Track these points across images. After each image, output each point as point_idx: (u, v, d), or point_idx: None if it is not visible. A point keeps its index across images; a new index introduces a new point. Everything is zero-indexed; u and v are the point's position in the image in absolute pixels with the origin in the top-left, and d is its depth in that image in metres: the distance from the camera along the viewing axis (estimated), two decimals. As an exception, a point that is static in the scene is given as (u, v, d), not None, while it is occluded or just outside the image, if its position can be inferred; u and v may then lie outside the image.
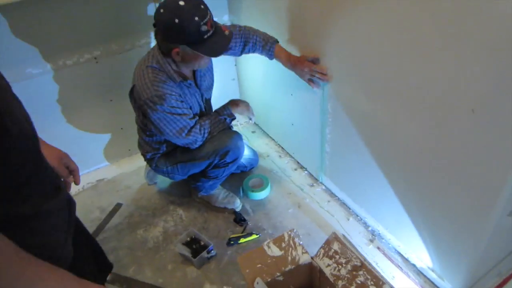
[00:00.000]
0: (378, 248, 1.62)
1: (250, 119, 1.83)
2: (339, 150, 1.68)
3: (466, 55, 0.93)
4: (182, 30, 1.31)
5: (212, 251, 1.61)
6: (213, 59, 1.64)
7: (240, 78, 2.40)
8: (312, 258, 1.27)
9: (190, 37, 1.34)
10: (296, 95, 1.82)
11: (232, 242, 1.68)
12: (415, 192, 1.33)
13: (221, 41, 1.43)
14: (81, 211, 1.71)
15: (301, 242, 1.29)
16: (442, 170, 1.17)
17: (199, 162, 1.68)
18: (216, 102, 1.84)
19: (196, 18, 1.30)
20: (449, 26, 0.94)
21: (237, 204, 1.87)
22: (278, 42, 1.65)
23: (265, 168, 2.11)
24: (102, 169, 2.21)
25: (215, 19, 2.15)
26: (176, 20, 1.29)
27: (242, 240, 1.68)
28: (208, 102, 1.80)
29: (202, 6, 1.34)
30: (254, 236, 1.70)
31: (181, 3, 1.30)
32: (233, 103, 1.74)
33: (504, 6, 0.80)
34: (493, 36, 0.86)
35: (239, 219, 1.78)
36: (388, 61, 1.19)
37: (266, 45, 1.64)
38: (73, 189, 2.05)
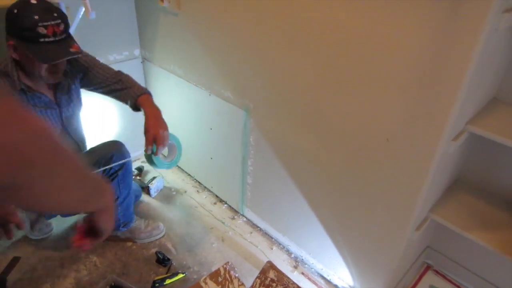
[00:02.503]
0: (303, 273, 1.69)
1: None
2: (261, 181, 1.74)
3: (381, 93, 1.09)
4: (17, 22, 1.25)
5: (136, 297, 1.50)
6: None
7: (152, 113, 2.34)
8: (248, 290, 1.27)
9: (24, 33, 1.26)
10: (216, 129, 1.85)
11: (157, 285, 1.58)
12: (336, 216, 1.44)
13: (59, 51, 1.31)
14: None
15: (236, 275, 1.29)
16: (361, 194, 1.30)
17: None
18: (128, 137, 1.83)
19: (36, 17, 1.24)
20: (365, 68, 1.10)
21: (161, 228, 1.86)
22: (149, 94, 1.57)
23: (184, 204, 2.07)
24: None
25: (125, 52, 2.10)
26: (15, 10, 1.25)
27: (168, 281, 1.60)
28: (70, 120, 1.59)
29: (55, 14, 1.28)
30: (180, 276, 1.63)
31: (33, 1, 1.27)
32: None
33: (409, 53, 0.98)
34: (402, 78, 1.03)
35: (162, 259, 1.69)
36: (310, 95, 1.31)
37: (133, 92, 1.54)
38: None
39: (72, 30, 1.70)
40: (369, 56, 1.07)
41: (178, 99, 2.02)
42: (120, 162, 1.57)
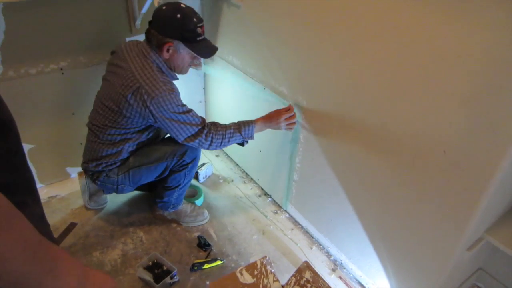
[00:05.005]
0: (340, 277, 1.66)
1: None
2: (308, 179, 1.72)
3: (441, 103, 1.03)
4: (181, 25, 1.42)
5: (175, 277, 1.56)
6: (183, 81, 1.72)
7: (208, 101, 2.40)
8: (283, 286, 1.28)
9: (186, 34, 1.44)
10: (267, 123, 1.85)
11: (195, 268, 1.63)
12: (381, 225, 1.39)
13: (211, 46, 1.56)
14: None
15: (273, 270, 1.30)
16: (411, 205, 1.24)
17: (154, 165, 1.64)
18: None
19: (195, 20, 1.45)
20: (426, 75, 1.04)
21: (206, 215, 1.91)
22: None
23: (229, 193, 2.11)
24: (55, 185, 2.07)
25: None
26: (178, 15, 1.41)
27: (206, 266, 1.64)
28: None
29: (198, 14, 1.49)
30: (218, 262, 1.67)
31: (182, 5, 1.46)
32: (267, 118, 1.61)
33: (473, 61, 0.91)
34: (465, 88, 0.96)
35: (203, 243, 1.74)
36: (365, 99, 1.27)
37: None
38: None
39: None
40: (431, 60, 1.01)
41: (232, 89, 2.05)
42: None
